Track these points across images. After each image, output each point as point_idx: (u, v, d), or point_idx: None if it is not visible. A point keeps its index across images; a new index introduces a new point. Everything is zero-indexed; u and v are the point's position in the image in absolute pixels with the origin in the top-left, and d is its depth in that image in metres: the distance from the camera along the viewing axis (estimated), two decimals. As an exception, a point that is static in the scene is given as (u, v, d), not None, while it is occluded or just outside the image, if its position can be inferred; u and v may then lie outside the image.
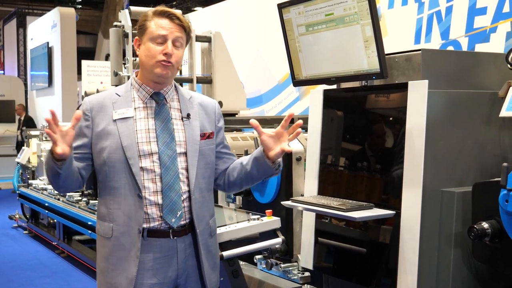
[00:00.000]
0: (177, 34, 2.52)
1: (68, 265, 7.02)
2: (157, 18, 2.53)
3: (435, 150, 2.81)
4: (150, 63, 2.51)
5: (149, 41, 2.51)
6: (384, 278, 2.94)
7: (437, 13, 7.49)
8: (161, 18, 2.52)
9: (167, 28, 2.51)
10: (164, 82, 2.57)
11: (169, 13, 2.54)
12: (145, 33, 2.53)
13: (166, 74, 2.52)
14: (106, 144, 2.51)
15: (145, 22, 2.54)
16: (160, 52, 2.49)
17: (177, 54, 2.53)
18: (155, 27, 2.51)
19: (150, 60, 2.51)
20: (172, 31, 2.51)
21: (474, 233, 2.57)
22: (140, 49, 2.56)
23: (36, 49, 17.41)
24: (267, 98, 10.95)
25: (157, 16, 2.53)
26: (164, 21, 2.52)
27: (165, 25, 2.51)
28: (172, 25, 2.52)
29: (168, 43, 2.50)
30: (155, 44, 2.50)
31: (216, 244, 2.73)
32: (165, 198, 2.49)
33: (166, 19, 2.52)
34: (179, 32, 2.53)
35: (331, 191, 3.26)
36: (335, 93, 3.39)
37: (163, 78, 2.54)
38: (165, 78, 2.54)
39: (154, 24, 2.52)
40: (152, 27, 2.52)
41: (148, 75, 2.56)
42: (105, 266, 2.56)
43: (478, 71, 3.10)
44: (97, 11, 24.48)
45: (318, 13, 3.15)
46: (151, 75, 2.54)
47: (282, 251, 3.84)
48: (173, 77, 2.61)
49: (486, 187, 2.64)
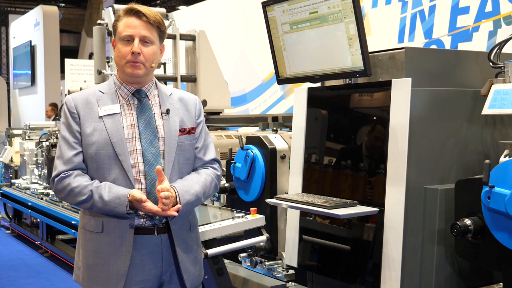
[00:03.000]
0: (144, 32, 2.51)
1: (52, 265, 6.97)
2: (126, 17, 2.53)
3: (419, 147, 2.83)
4: (121, 64, 2.53)
5: (119, 42, 2.52)
6: (368, 275, 2.95)
7: (420, 12, 7.53)
8: (129, 16, 2.52)
9: (134, 26, 2.50)
10: (138, 81, 2.57)
11: (135, 10, 2.52)
12: (116, 34, 2.55)
13: (137, 73, 2.52)
14: (93, 140, 2.50)
15: (116, 22, 2.56)
16: (129, 51, 2.49)
17: (147, 52, 2.51)
18: (123, 27, 2.52)
19: (120, 60, 2.52)
20: (138, 29, 2.50)
21: (457, 230, 2.59)
22: (115, 49, 2.57)
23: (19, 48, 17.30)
24: (251, 97, 10.96)
25: (126, 15, 2.53)
26: (131, 20, 2.51)
27: (131, 24, 2.50)
28: (139, 22, 2.51)
29: (135, 42, 2.49)
30: (124, 44, 2.51)
31: (196, 239, 2.72)
32: (149, 195, 2.49)
33: (133, 17, 2.52)
34: (146, 30, 2.51)
35: (315, 189, 3.27)
36: (319, 91, 3.40)
37: (136, 78, 2.54)
38: (138, 77, 2.54)
39: (122, 24, 2.52)
40: (120, 27, 2.53)
41: (123, 75, 2.57)
42: (94, 261, 2.54)
43: (461, 69, 3.12)
44: (80, 9, 24.36)
45: (302, 11, 3.15)
46: (125, 76, 2.55)
47: (267, 249, 3.84)
48: (149, 74, 2.59)
49: (468, 184, 2.66)
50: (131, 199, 2.42)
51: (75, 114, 2.53)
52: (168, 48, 3.05)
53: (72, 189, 2.49)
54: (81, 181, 2.48)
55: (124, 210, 2.43)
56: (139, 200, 2.40)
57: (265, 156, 3.89)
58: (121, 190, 2.45)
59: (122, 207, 2.43)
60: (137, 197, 2.40)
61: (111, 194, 2.44)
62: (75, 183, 2.48)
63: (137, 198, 2.40)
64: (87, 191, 2.46)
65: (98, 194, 2.45)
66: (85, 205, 2.50)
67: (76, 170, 2.51)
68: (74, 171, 2.51)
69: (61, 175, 2.51)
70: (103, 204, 2.45)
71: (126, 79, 2.57)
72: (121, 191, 2.44)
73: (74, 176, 2.50)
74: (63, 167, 2.51)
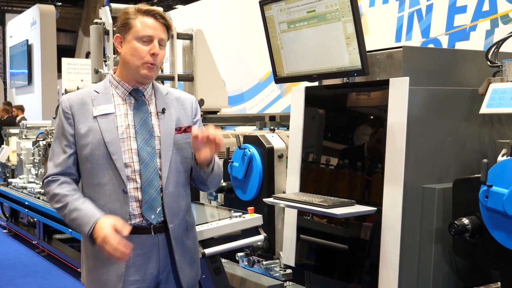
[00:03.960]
0: (162, 35, 2.54)
1: (49, 264, 6.97)
2: (142, 16, 2.51)
3: (416, 146, 2.83)
4: (136, 64, 2.50)
5: (135, 40, 2.49)
6: (365, 274, 2.95)
7: (417, 11, 7.54)
8: (146, 16, 2.51)
9: (153, 27, 2.50)
10: (148, 82, 2.58)
11: (154, 12, 2.53)
12: (129, 32, 2.50)
13: (151, 75, 2.54)
14: (88, 140, 2.49)
15: (129, 20, 2.52)
16: (147, 52, 2.48)
17: (161, 54, 2.54)
18: (141, 26, 2.49)
19: (136, 60, 2.49)
20: (158, 31, 2.51)
21: (455, 229, 2.58)
22: (123, 47, 2.53)
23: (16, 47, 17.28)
24: (248, 96, 10.97)
25: (142, 14, 2.51)
26: (149, 20, 2.51)
27: (151, 25, 2.50)
28: (157, 24, 2.52)
29: (155, 43, 2.49)
30: (141, 43, 2.48)
31: (193, 239, 2.72)
32: (145, 194, 2.49)
33: (151, 18, 2.51)
34: (163, 32, 2.54)
35: (313, 188, 3.27)
36: (317, 91, 3.39)
37: (148, 80, 2.55)
38: (150, 79, 2.56)
39: (140, 23, 2.50)
40: (137, 26, 2.49)
41: (132, 74, 2.54)
42: (93, 264, 2.55)
43: (459, 68, 3.12)
44: (77, 8, 24.33)
45: (300, 10, 3.15)
46: (136, 75, 2.53)
47: (264, 248, 3.84)
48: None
49: (466, 183, 2.66)
50: (100, 225, 2.38)
51: (69, 115, 2.52)
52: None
53: (53, 195, 2.52)
54: (64, 189, 2.50)
55: (87, 230, 2.41)
56: (118, 230, 2.36)
57: (263, 155, 3.89)
58: (96, 212, 2.45)
59: (86, 227, 2.42)
60: (117, 227, 2.37)
61: (82, 212, 2.45)
62: (57, 189, 2.51)
63: (117, 227, 2.36)
64: (64, 200, 2.48)
65: (74, 206, 2.46)
66: (60, 213, 2.54)
67: (63, 175, 2.53)
68: (61, 177, 2.52)
69: (49, 179, 2.54)
70: (72, 217, 2.47)
71: (130, 79, 2.55)
72: (95, 212, 2.44)
73: (60, 183, 2.52)
74: (52, 170, 2.54)
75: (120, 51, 2.55)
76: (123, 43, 2.53)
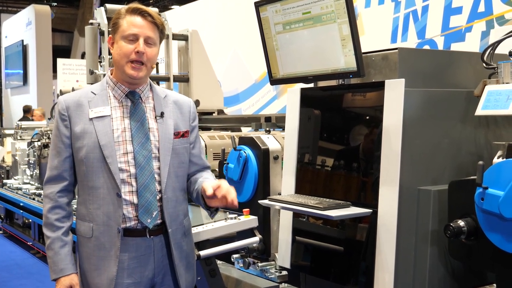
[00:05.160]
0: (149, 33, 2.49)
1: (44, 266, 6.95)
2: (130, 15, 2.50)
3: (412, 148, 2.82)
4: (122, 63, 2.49)
5: (121, 39, 2.49)
6: (361, 276, 2.94)
7: (413, 12, 7.55)
8: (133, 15, 2.50)
9: (139, 26, 2.48)
10: (137, 82, 2.55)
11: (141, 10, 2.51)
12: (117, 31, 2.50)
13: (137, 75, 2.50)
14: (83, 143, 2.48)
15: (118, 20, 2.52)
16: (132, 50, 2.46)
17: (150, 52, 2.50)
18: (127, 25, 2.48)
19: (122, 59, 2.49)
20: (144, 29, 2.48)
21: (450, 231, 2.58)
22: (114, 47, 2.53)
23: (11, 47, 17.24)
24: (244, 97, 10.96)
25: (130, 13, 2.50)
26: (136, 19, 2.49)
27: (137, 23, 2.48)
28: (144, 22, 2.49)
29: (140, 41, 2.47)
30: (127, 42, 2.47)
31: (190, 244, 2.72)
32: (141, 198, 2.48)
33: (139, 16, 2.50)
34: (151, 30, 2.50)
35: (308, 189, 3.26)
36: (312, 92, 3.39)
37: (135, 79, 2.52)
38: (138, 79, 2.52)
39: (126, 22, 2.49)
40: (124, 25, 2.49)
41: (121, 75, 2.54)
42: (86, 267, 2.55)
43: (454, 70, 3.11)
44: (73, 8, 24.29)
45: (295, 12, 3.14)
46: (124, 75, 2.52)
47: (260, 250, 3.83)
48: (147, 76, 2.58)
49: (462, 185, 2.65)
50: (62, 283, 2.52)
51: (65, 117, 2.51)
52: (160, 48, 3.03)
53: (44, 215, 2.61)
54: (54, 216, 2.58)
55: (52, 277, 2.54)
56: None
57: (258, 156, 3.88)
58: (67, 266, 2.54)
59: (53, 275, 2.54)
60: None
61: (57, 258, 2.54)
62: (49, 213, 2.59)
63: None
64: (49, 231, 2.58)
65: (53, 246, 2.55)
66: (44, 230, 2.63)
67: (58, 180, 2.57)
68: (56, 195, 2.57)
69: (47, 186, 2.61)
70: (48, 253, 2.58)
71: (123, 79, 2.54)
72: (66, 267, 2.54)
73: (52, 206, 2.58)
74: (48, 172, 2.59)
75: (112, 52, 2.54)
76: (114, 44, 2.53)
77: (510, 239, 2.41)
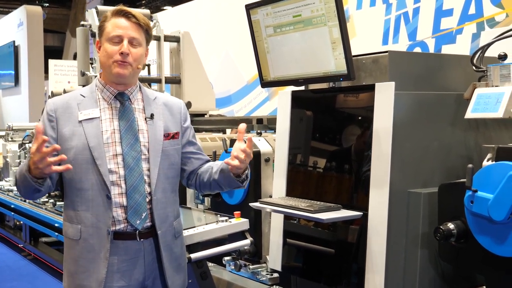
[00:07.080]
0: (133, 34, 2.50)
1: (35, 268, 6.92)
2: (114, 17, 2.51)
3: (402, 151, 2.83)
4: (107, 64, 2.49)
5: (106, 42, 2.49)
6: (352, 278, 2.95)
7: (404, 14, 7.56)
8: (117, 17, 2.50)
9: (123, 27, 2.48)
10: (124, 82, 2.54)
11: (125, 11, 2.51)
12: (103, 34, 2.52)
13: (123, 73, 2.49)
14: (72, 145, 2.47)
15: (104, 23, 2.53)
16: (117, 51, 2.47)
17: (135, 53, 2.50)
18: (111, 27, 2.49)
19: (107, 60, 2.49)
20: (127, 30, 2.48)
21: (440, 234, 2.59)
22: (100, 50, 2.54)
23: (2, 48, 17.13)
24: (236, 99, 10.95)
25: (114, 15, 2.51)
26: (120, 20, 2.50)
27: (121, 25, 2.49)
28: (128, 23, 2.50)
29: (124, 42, 2.47)
30: (112, 44, 2.48)
31: (181, 246, 2.71)
32: (130, 199, 2.47)
33: (123, 18, 2.50)
34: (135, 31, 2.50)
35: (299, 192, 3.27)
36: (303, 95, 3.39)
37: (121, 78, 2.51)
38: (124, 77, 2.51)
39: (111, 25, 2.50)
40: (108, 28, 2.50)
41: (108, 76, 2.54)
42: (74, 269, 2.52)
43: (444, 73, 3.13)
44: (65, 9, 24.20)
45: (286, 15, 3.14)
46: (111, 76, 2.52)
47: (251, 253, 3.83)
48: (135, 77, 2.57)
49: (451, 188, 2.67)
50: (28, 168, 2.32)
51: (52, 118, 2.50)
52: (152, 50, 3.04)
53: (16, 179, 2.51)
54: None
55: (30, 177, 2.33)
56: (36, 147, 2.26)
57: (249, 159, 3.87)
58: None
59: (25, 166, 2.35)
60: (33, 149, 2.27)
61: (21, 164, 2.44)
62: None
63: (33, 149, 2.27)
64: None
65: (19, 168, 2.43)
66: (19, 189, 2.49)
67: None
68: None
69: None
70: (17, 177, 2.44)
71: (111, 80, 2.54)
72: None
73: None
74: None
75: (99, 55, 2.55)
76: (101, 47, 2.53)
77: (499, 241, 2.42)
